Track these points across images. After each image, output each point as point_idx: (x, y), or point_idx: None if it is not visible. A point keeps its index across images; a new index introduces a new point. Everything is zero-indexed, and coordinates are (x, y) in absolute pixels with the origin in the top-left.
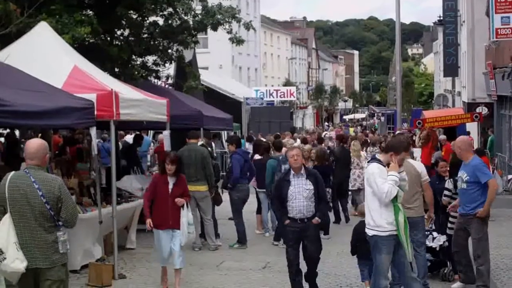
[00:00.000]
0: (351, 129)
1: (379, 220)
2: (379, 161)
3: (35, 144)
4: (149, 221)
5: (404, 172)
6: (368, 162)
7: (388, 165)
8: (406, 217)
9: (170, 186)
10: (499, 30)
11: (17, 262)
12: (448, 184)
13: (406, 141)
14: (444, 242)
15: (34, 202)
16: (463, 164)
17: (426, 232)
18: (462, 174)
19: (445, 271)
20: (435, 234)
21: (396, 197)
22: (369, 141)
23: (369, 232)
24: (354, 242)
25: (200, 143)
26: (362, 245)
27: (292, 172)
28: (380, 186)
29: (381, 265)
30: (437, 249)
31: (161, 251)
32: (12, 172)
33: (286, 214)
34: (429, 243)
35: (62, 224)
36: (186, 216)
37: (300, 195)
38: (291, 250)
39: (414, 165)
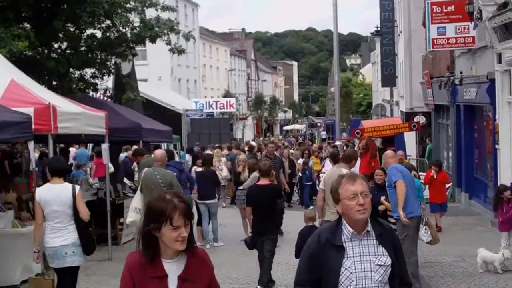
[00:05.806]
0: None
1: None
2: None
3: (160, 152)
4: None
5: None
6: None
7: None
8: None
9: (173, 285)
10: (435, 40)
11: (128, 219)
12: None
13: None
14: None
15: (157, 185)
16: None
17: None
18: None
19: None
20: None
21: None
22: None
23: None
24: (299, 245)
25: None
26: None
27: (348, 229)
28: None
29: None
30: None
31: None
32: (146, 168)
33: None
34: None
35: None
36: None
37: (368, 278)
38: None
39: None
